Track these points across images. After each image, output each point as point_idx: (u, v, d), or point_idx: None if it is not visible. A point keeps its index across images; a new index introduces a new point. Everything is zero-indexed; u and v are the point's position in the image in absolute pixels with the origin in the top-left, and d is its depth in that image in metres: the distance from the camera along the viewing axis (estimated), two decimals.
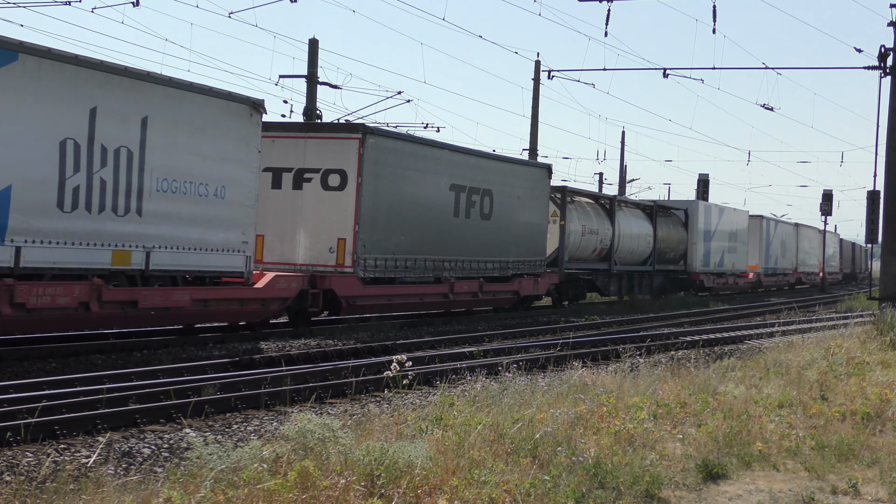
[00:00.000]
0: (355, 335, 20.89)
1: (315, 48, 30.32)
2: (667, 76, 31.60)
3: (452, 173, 25.82)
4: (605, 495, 7.21)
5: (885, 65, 25.44)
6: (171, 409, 11.33)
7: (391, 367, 9.16)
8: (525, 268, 29.50)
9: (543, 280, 30.59)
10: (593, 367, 14.99)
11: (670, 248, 42.30)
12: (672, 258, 42.78)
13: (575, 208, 34.26)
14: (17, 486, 7.41)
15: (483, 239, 27.24)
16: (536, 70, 38.93)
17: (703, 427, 9.52)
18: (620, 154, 55.77)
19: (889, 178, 24.69)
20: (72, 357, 15.93)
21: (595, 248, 35.45)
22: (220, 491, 6.37)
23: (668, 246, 41.93)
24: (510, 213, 28.52)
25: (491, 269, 27.69)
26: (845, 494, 7.91)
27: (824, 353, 15.33)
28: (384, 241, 23.41)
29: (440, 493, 6.69)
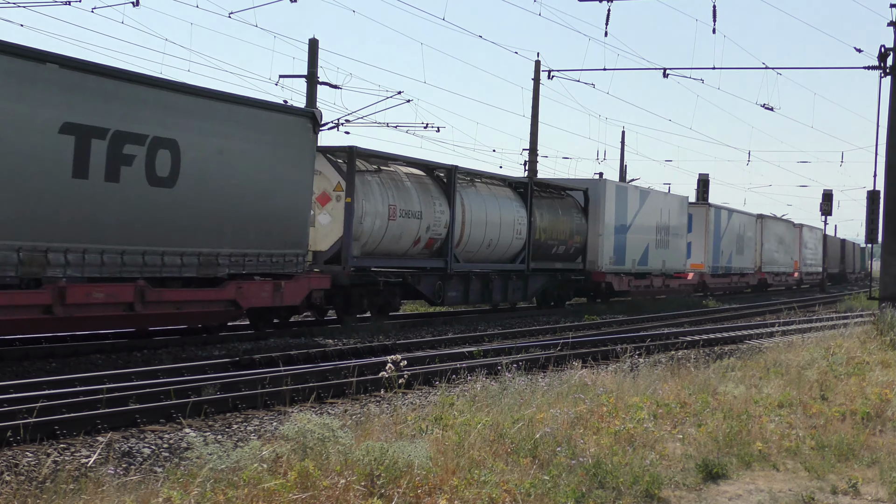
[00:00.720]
0: (355, 335, 20.89)
1: (315, 48, 30.32)
2: (667, 76, 31.59)
3: (73, 105, 15.72)
4: (605, 495, 7.21)
5: (885, 65, 25.44)
6: (171, 409, 11.33)
7: (386, 367, 9.17)
8: (262, 265, 19.77)
9: (297, 284, 20.67)
10: (593, 366, 14.99)
11: (558, 241, 32.62)
12: (563, 254, 33.12)
13: (378, 181, 24.33)
14: (17, 486, 7.42)
15: (154, 216, 17.26)
16: (536, 70, 38.94)
17: (703, 427, 9.52)
18: (620, 154, 55.79)
19: (889, 177, 24.68)
20: (72, 357, 15.93)
21: (418, 238, 25.55)
22: (219, 491, 6.37)
23: (554, 238, 32.28)
24: (222, 179, 18.68)
25: (171, 266, 17.61)
26: (845, 494, 7.91)
27: (824, 352, 15.33)
28: None
29: (440, 493, 6.69)
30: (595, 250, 34.85)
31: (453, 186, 26.78)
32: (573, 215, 33.83)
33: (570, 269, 33.71)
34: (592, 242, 34.70)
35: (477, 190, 28.67)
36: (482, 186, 29.21)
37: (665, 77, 31.68)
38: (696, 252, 45.62)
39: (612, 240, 35.90)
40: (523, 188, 31.00)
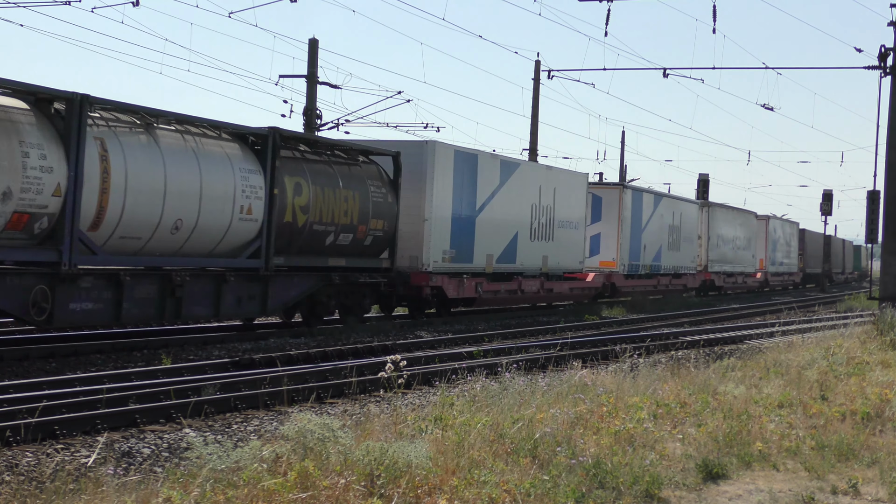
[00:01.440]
0: (355, 335, 20.89)
1: (315, 48, 30.32)
2: (667, 76, 31.59)
3: None
4: (605, 495, 7.21)
5: (885, 65, 25.43)
6: (171, 409, 11.33)
7: (386, 367, 9.17)
8: None
9: None
10: (593, 367, 14.99)
11: (339, 227, 21.90)
12: (349, 245, 22.39)
13: None
14: (17, 486, 7.42)
15: None
16: (536, 70, 38.94)
17: (703, 427, 9.52)
18: (620, 154, 55.78)
19: (889, 177, 24.68)
20: (72, 357, 15.93)
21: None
22: (219, 491, 6.37)
23: (330, 221, 21.60)
24: None
25: None
26: (845, 494, 7.91)
27: (824, 352, 15.32)
28: None
29: (440, 493, 6.69)
30: (417, 242, 24.82)
31: (78, 125, 15.72)
32: (371, 190, 22.97)
33: (363, 269, 22.99)
34: (411, 230, 24.63)
35: (154, 140, 17.44)
36: (168, 135, 17.89)
37: (665, 77, 31.70)
38: (607, 247, 36.43)
39: (446, 227, 25.76)
40: (262, 143, 19.99)
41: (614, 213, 36.30)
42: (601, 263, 35.95)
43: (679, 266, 43.00)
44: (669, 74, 31.51)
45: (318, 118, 30.06)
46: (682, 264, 43.29)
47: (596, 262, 35.81)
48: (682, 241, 43.13)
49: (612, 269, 36.06)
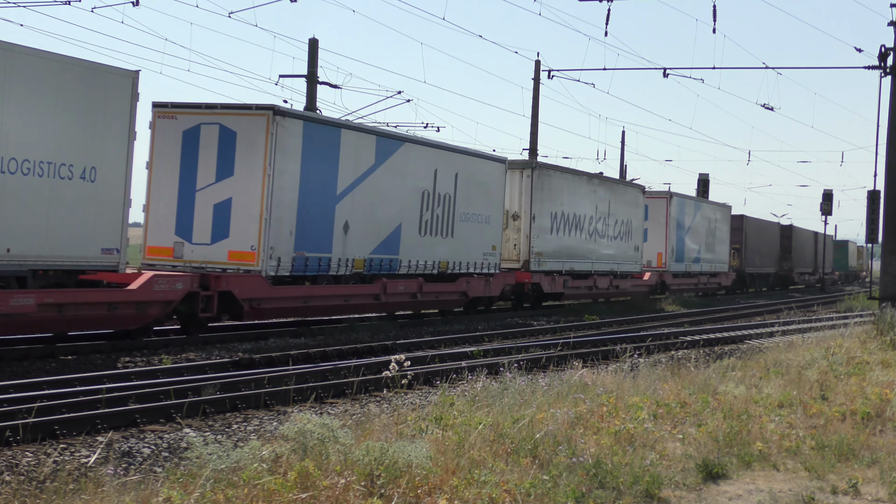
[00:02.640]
0: (355, 335, 20.88)
1: (315, 48, 30.31)
2: (667, 76, 31.60)
3: None
4: (605, 495, 7.21)
5: (886, 64, 25.44)
6: (171, 409, 11.33)
7: (390, 367, 9.16)
8: None
9: None
10: (593, 366, 15.00)
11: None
12: None
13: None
14: (17, 485, 7.42)
15: None
16: (536, 70, 38.93)
17: (703, 427, 9.51)
18: (620, 154, 55.74)
19: (889, 177, 24.68)
20: (72, 357, 15.93)
21: None
22: (219, 491, 6.37)
23: None
24: None
25: None
26: (845, 494, 7.91)
27: (824, 352, 15.32)
28: None
29: (440, 493, 6.69)
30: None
31: None
32: None
33: None
34: None
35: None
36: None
37: (665, 77, 31.72)
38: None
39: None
40: None
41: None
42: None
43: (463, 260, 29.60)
44: (669, 74, 31.51)
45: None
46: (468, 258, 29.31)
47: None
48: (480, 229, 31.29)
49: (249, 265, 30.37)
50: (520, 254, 30.43)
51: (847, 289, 71.92)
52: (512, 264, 30.03)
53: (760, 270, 58.27)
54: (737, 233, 52.70)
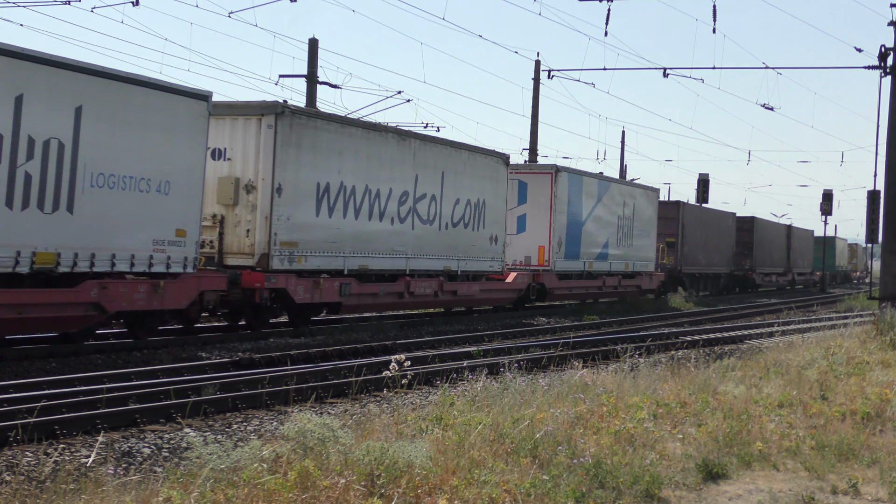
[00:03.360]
0: (355, 335, 20.88)
1: (315, 48, 30.32)
2: (667, 76, 31.59)
3: None
4: (605, 495, 7.21)
5: (886, 64, 25.43)
6: (171, 409, 11.33)
7: (390, 367, 9.15)
8: None
9: None
10: (593, 366, 15.00)
11: None
12: None
13: None
14: (17, 485, 7.41)
15: None
16: (536, 70, 38.95)
17: (703, 427, 9.51)
18: (620, 154, 55.76)
19: (889, 177, 24.67)
20: (72, 357, 15.93)
21: None
22: (219, 490, 6.37)
23: None
24: None
25: None
26: (845, 494, 7.91)
27: (824, 352, 15.33)
28: None
29: (440, 493, 6.69)
30: None
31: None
32: None
33: None
34: None
35: None
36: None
37: (665, 77, 31.69)
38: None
39: None
40: None
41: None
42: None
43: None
44: (669, 74, 31.49)
45: None
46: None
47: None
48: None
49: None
50: (254, 244, 20.11)
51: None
52: (243, 260, 20.13)
53: (707, 270, 48.07)
54: (671, 223, 43.28)
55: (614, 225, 35.53)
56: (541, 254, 31.09)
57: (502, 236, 28.62)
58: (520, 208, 30.96)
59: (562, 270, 31.79)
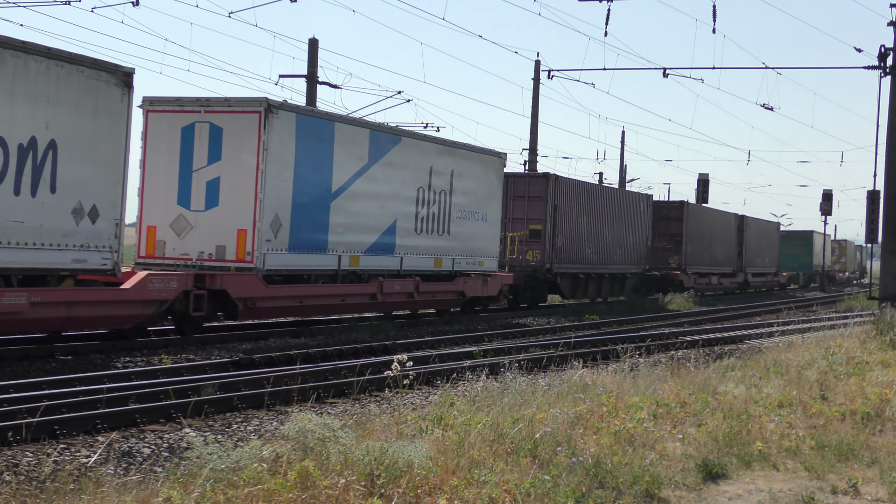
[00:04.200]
0: (355, 335, 20.88)
1: (315, 48, 30.32)
2: (667, 76, 31.57)
3: None
4: (605, 495, 7.21)
5: (885, 64, 25.43)
6: (171, 409, 11.33)
7: (392, 366, 9.16)
8: None
9: None
10: (593, 366, 15.00)
11: None
12: None
13: None
14: (17, 485, 7.42)
15: None
16: (536, 70, 38.94)
17: (703, 427, 9.52)
18: (620, 154, 55.76)
19: (889, 177, 24.68)
20: (72, 357, 15.93)
21: None
22: (219, 490, 6.37)
23: None
24: None
25: None
26: (845, 494, 7.91)
27: (824, 352, 15.33)
28: None
29: (440, 493, 6.69)
30: None
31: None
32: None
33: None
34: None
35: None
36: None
37: (665, 77, 31.68)
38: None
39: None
40: None
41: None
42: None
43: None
44: (669, 74, 31.48)
45: None
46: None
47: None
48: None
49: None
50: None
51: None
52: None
53: (601, 269, 35.89)
54: (536, 205, 32.12)
55: (411, 201, 24.13)
56: (240, 242, 19.69)
57: (109, 209, 16.49)
58: (210, 169, 19.81)
59: (280, 269, 20.32)
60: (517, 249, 31.43)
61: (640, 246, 39.47)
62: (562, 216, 33.01)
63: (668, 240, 43.34)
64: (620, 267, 37.78)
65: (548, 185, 32.39)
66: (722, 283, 50.14)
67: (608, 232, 36.53)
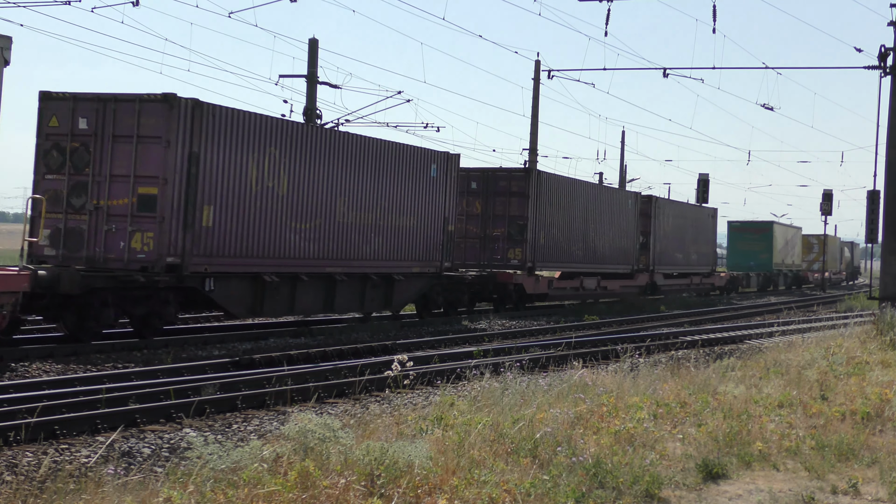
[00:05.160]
0: (355, 335, 20.88)
1: (315, 48, 30.31)
2: (667, 76, 31.56)
3: None
4: (605, 495, 7.21)
5: (885, 64, 25.43)
6: (171, 409, 11.33)
7: (392, 367, 9.16)
8: None
9: None
10: (593, 366, 14.99)
11: None
12: None
13: None
14: (17, 485, 7.42)
15: None
16: (536, 70, 38.93)
17: (703, 427, 9.51)
18: (620, 154, 55.73)
19: (889, 177, 24.67)
20: (72, 357, 15.93)
21: None
22: (220, 490, 6.37)
23: None
24: None
25: None
26: (845, 494, 7.91)
27: (824, 352, 15.32)
28: None
29: (440, 493, 6.69)
30: None
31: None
32: None
33: None
34: None
35: None
36: None
37: (665, 77, 31.66)
38: None
39: None
40: None
41: None
42: None
43: None
44: (669, 74, 31.47)
45: (318, 118, 30.05)
46: None
47: None
48: None
49: None
50: None
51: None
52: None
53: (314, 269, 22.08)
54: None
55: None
56: None
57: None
58: None
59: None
60: None
61: (437, 235, 26.32)
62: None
63: (510, 224, 30.75)
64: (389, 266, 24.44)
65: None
66: (607, 288, 36.84)
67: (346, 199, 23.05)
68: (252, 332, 20.12)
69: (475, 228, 30.78)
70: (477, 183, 30.93)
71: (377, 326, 22.79)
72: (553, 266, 33.18)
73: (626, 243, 38.32)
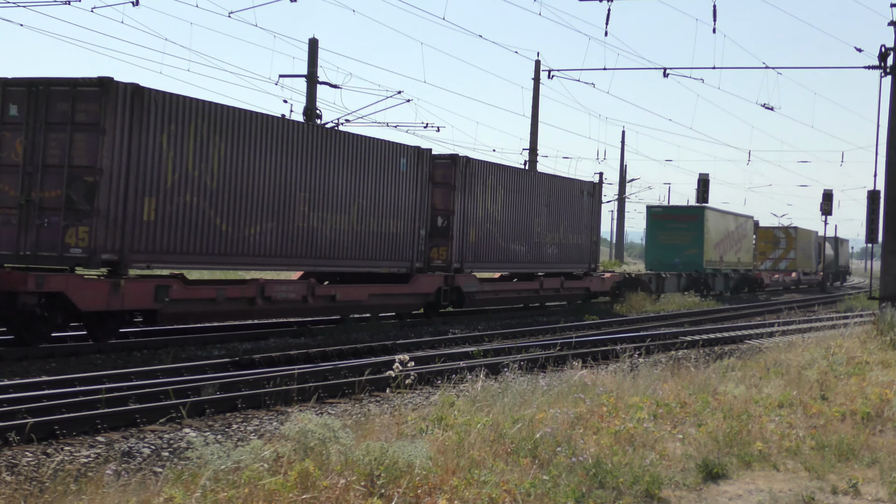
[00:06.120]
0: (355, 335, 20.88)
1: (315, 48, 30.32)
2: (667, 76, 31.57)
3: None
4: (605, 495, 7.21)
5: (886, 64, 25.42)
6: (171, 409, 11.33)
7: (394, 366, 9.15)
8: None
9: None
10: (593, 366, 14.98)
11: None
12: None
13: None
14: (16, 485, 7.41)
15: None
16: (536, 70, 38.96)
17: (703, 427, 9.51)
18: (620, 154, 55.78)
19: (889, 177, 24.67)
20: (72, 357, 15.93)
21: None
22: (220, 490, 6.37)
23: None
24: None
25: None
26: (845, 494, 7.91)
27: (824, 352, 15.32)
28: None
29: (440, 493, 6.69)
30: None
31: None
32: None
33: None
34: None
35: None
36: None
37: (665, 77, 31.67)
38: None
39: None
40: None
41: None
42: None
43: None
44: (669, 74, 31.47)
45: (318, 118, 30.06)
46: None
47: None
48: None
49: None
50: None
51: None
52: None
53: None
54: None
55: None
56: None
57: None
58: None
59: None
60: None
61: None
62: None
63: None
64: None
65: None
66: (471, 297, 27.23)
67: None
68: (252, 332, 20.12)
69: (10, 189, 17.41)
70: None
71: (377, 326, 22.79)
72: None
73: (405, 231, 24.79)
